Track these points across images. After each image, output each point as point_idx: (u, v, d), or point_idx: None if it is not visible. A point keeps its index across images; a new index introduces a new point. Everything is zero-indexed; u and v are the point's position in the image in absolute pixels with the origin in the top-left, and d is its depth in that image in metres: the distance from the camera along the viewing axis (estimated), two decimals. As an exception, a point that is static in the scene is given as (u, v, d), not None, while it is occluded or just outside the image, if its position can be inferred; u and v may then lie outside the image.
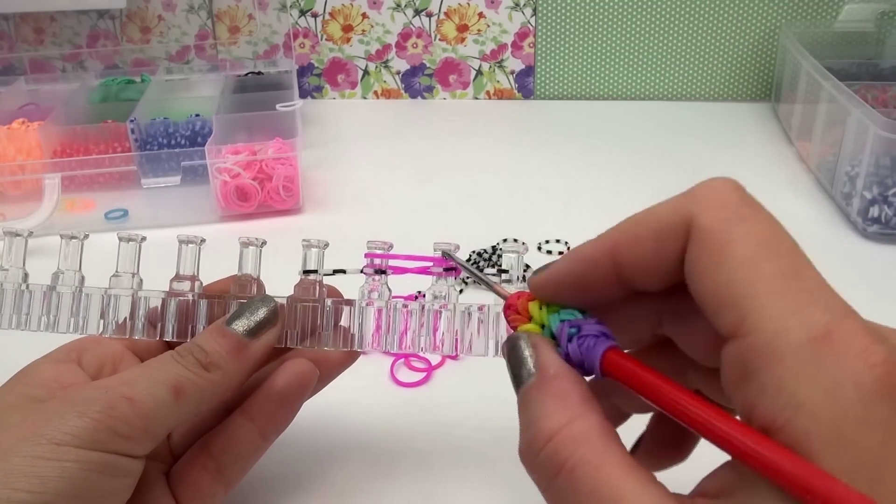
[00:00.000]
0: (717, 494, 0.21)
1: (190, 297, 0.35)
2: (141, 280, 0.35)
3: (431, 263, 0.34)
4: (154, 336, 0.35)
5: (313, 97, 0.95)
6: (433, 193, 0.70)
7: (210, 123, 0.70)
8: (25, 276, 0.35)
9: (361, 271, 0.35)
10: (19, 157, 0.67)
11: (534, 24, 0.89)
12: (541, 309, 0.26)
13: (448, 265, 0.34)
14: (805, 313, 0.20)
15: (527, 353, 0.25)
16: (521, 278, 0.35)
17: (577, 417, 0.22)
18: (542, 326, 0.26)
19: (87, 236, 0.36)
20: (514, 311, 0.27)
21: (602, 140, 0.80)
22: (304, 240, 0.35)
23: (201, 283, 0.35)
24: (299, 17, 0.91)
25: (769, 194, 0.24)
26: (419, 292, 0.40)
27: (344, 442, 0.41)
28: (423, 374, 0.46)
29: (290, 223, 0.65)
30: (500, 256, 0.56)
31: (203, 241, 0.35)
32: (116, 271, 0.35)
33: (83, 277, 0.35)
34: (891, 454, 0.18)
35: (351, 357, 0.36)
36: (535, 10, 0.88)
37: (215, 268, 0.36)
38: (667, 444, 0.29)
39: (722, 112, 0.87)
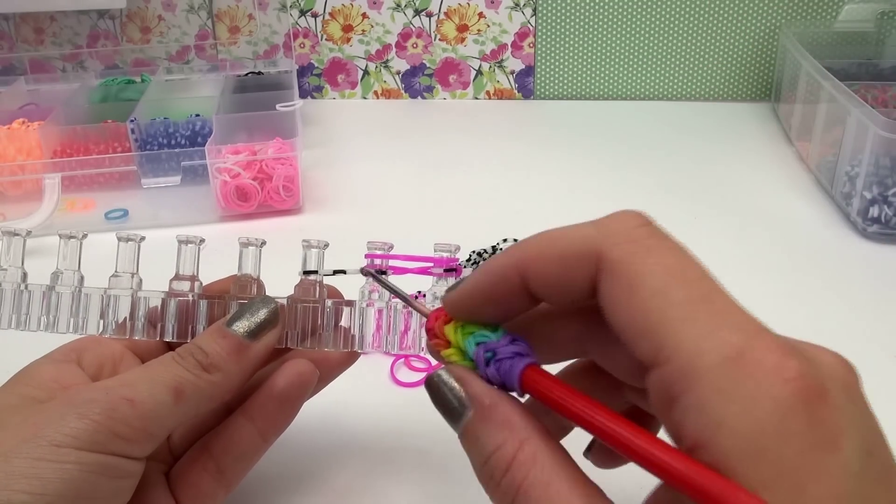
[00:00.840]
0: None
1: (190, 298, 0.35)
2: (140, 280, 0.35)
3: (431, 264, 0.34)
4: (154, 336, 0.35)
5: (313, 97, 0.95)
6: (433, 193, 0.70)
7: (210, 123, 0.70)
8: (24, 275, 0.35)
9: (361, 272, 0.35)
10: (19, 157, 0.67)
11: (534, 24, 0.89)
12: (456, 332, 0.26)
13: (448, 266, 0.34)
14: (717, 335, 0.20)
15: (455, 387, 0.25)
16: None
17: (525, 440, 0.23)
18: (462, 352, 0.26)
19: (85, 236, 0.36)
20: (432, 334, 0.27)
21: (602, 140, 0.80)
22: (304, 240, 0.35)
23: (201, 283, 0.35)
24: (299, 17, 0.91)
25: (769, 194, 0.24)
26: (419, 292, 0.40)
27: (344, 442, 0.41)
28: (423, 374, 0.46)
29: (290, 223, 0.65)
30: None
31: (202, 241, 0.35)
32: (116, 271, 0.35)
33: (82, 277, 0.35)
34: (810, 465, 0.19)
35: (351, 357, 0.36)
36: (535, 10, 0.88)
37: (215, 268, 0.36)
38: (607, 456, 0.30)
39: (722, 112, 0.87)
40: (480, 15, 0.89)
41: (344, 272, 0.35)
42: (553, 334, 0.27)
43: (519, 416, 0.24)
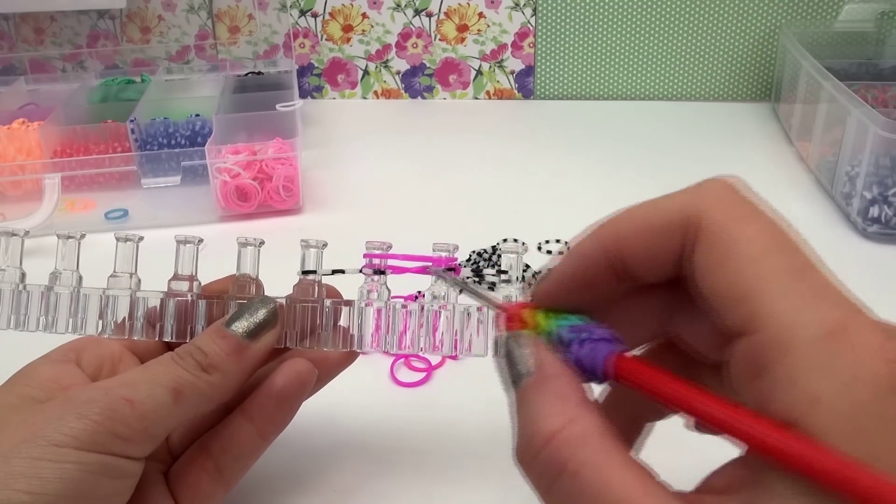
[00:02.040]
0: (725, 490, 0.21)
1: (189, 298, 0.35)
2: (139, 280, 0.35)
3: (430, 264, 0.34)
4: (153, 336, 0.35)
5: (313, 97, 0.95)
6: (433, 193, 0.70)
7: (210, 123, 0.70)
8: (23, 276, 0.35)
9: (360, 271, 0.35)
10: (19, 157, 0.67)
11: (534, 24, 0.89)
12: (547, 318, 0.26)
13: (448, 265, 0.34)
14: (817, 308, 0.20)
15: (526, 351, 0.25)
16: (520, 278, 0.35)
17: (577, 418, 0.22)
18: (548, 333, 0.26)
19: (83, 236, 0.36)
20: (517, 320, 0.27)
21: (602, 140, 0.80)
22: (302, 240, 0.35)
23: (199, 283, 0.35)
24: (299, 17, 0.91)
25: (769, 194, 0.24)
26: (419, 292, 0.40)
27: (344, 442, 0.41)
28: (423, 374, 0.46)
29: (290, 223, 0.65)
30: (499, 256, 0.56)
31: (201, 241, 0.35)
32: (115, 271, 0.35)
33: (81, 277, 0.35)
34: None
35: (350, 357, 0.36)
36: (535, 10, 0.88)
37: (215, 268, 0.36)
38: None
39: (722, 112, 0.87)
40: (480, 15, 0.89)
41: (342, 272, 0.35)
42: (634, 313, 0.27)
43: (577, 395, 0.23)
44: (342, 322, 0.35)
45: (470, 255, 0.57)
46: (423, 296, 0.35)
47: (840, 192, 0.63)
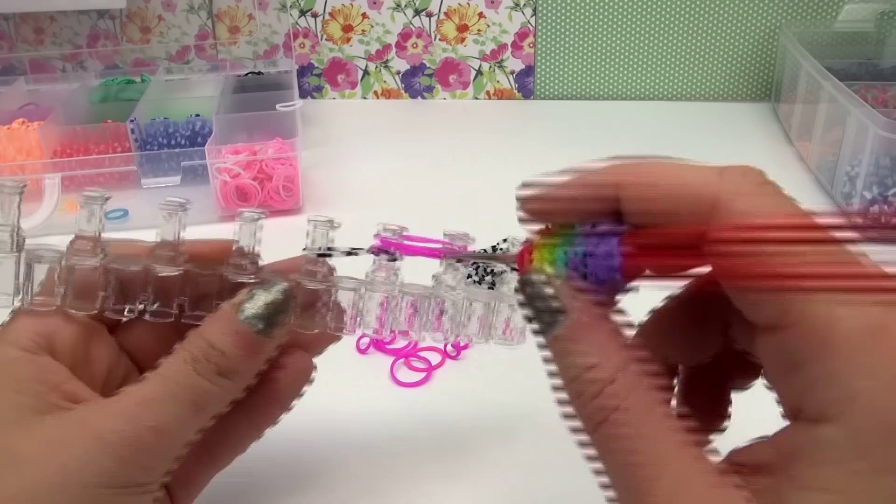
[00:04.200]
0: (754, 468, 0.21)
1: (172, 272, 0.31)
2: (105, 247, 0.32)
3: (442, 245, 0.33)
4: (124, 312, 0.32)
5: (313, 97, 0.95)
6: (433, 193, 0.70)
7: (210, 123, 0.70)
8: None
9: (370, 252, 0.33)
10: (19, 157, 0.67)
11: (534, 24, 0.89)
12: (546, 250, 0.25)
13: (459, 253, 0.33)
14: (856, 303, 0.19)
15: (550, 294, 0.24)
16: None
17: (626, 366, 0.22)
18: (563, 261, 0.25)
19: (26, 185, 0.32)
20: (525, 263, 0.26)
21: (602, 140, 0.80)
22: (311, 217, 0.33)
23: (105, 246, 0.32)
24: (299, 17, 0.91)
25: (769, 194, 0.24)
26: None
27: (344, 442, 0.41)
28: (423, 374, 0.46)
29: (290, 223, 0.65)
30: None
31: (186, 205, 0.33)
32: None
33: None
34: None
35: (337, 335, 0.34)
36: (535, 10, 0.88)
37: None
38: (703, 408, 0.28)
39: (722, 112, 0.87)
40: (480, 15, 0.89)
41: (353, 253, 0.33)
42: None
43: (620, 340, 0.23)
44: (346, 305, 0.33)
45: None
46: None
47: (840, 192, 0.63)
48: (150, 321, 0.32)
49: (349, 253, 0.33)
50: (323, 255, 0.33)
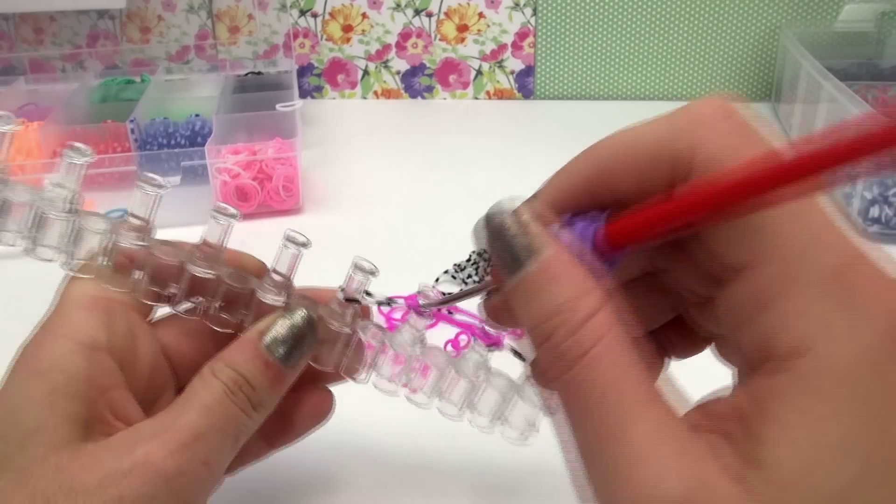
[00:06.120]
0: (724, 415, 0.20)
1: (212, 275, 0.32)
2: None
3: (477, 322, 0.33)
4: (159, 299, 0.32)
5: (313, 97, 0.95)
6: (433, 193, 0.70)
7: (210, 123, 0.70)
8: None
9: (413, 310, 0.32)
10: (19, 157, 0.67)
11: (534, 24, 0.89)
12: None
13: (491, 342, 0.33)
14: (827, 244, 0.19)
15: (519, 232, 0.23)
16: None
17: (605, 304, 0.21)
18: None
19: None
20: None
21: (602, 140, 0.80)
22: (356, 259, 0.32)
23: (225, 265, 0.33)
24: (299, 17, 0.91)
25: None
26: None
27: (344, 442, 0.41)
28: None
29: (290, 223, 0.65)
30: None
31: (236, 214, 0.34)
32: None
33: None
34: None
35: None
36: (535, 10, 0.88)
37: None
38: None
39: (722, 112, 0.87)
40: (480, 15, 0.89)
41: (386, 304, 0.33)
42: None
43: (595, 279, 0.21)
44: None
45: (470, 256, 0.57)
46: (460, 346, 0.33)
47: (840, 192, 0.63)
48: (183, 319, 0.32)
49: (381, 303, 0.32)
50: (354, 300, 0.32)
